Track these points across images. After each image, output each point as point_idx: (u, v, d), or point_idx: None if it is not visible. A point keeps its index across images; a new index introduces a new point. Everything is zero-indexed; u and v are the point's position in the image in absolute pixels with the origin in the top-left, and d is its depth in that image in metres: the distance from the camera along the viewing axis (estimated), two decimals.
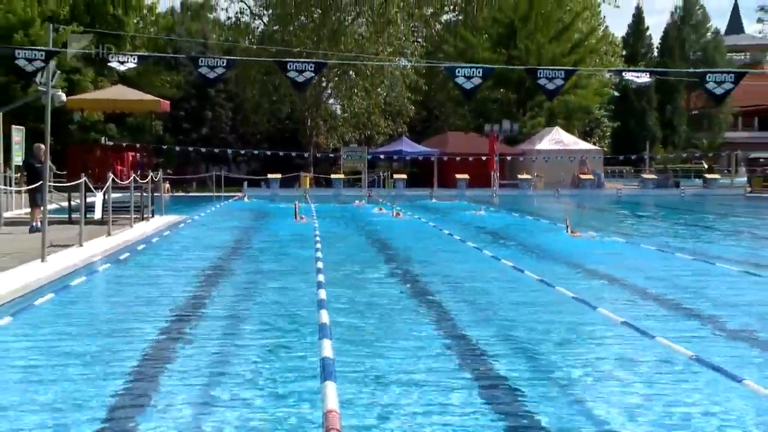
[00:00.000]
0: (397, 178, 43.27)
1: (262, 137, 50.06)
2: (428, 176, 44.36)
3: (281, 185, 40.54)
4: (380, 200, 31.25)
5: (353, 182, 44.19)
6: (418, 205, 30.20)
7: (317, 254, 13.71)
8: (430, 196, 36.62)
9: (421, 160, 46.98)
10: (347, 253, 15.35)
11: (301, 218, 21.73)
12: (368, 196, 35.85)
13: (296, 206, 22.31)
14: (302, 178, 42.57)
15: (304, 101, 47.05)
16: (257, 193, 38.12)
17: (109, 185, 17.24)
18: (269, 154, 44.55)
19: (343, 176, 43.07)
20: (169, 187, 34.66)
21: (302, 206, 23.74)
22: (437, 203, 32.80)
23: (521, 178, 43.96)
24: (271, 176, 40.91)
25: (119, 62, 11.79)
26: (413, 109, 50.97)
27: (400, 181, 42.74)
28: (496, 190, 37.84)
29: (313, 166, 46.55)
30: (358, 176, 44.56)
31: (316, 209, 25.52)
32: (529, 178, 43.90)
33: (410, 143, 47.59)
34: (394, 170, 46.25)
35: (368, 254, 15.59)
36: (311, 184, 42.87)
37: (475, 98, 28.20)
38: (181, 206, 27.66)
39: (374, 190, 40.69)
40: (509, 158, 45.76)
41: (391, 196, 33.78)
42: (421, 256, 14.74)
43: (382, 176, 45.26)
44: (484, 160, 41.24)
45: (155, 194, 22.76)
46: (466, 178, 41.85)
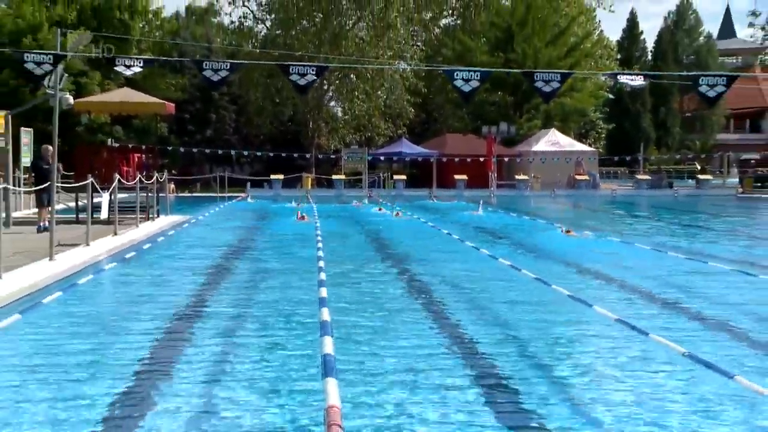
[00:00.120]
0: (396, 178, 43.56)
1: (265, 139, 50.30)
2: (427, 177, 44.51)
3: (284, 186, 40.71)
4: (380, 200, 31.45)
5: (354, 183, 44.34)
6: (417, 205, 30.37)
7: (318, 253, 13.85)
8: (430, 196, 36.79)
9: (420, 161, 47.20)
10: (347, 252, 15.49)
11: (302, 217, 22.03)
12: (369, 196, 36.00)
13: (297, 206, 22.50)
14: (304, 178, 42.74)
15: (306, 104, 47.22)
16: (260, 193, 38.32)
17: (115, 186, 17.43)
18: (272, 155, 44.87)
19: (344, 177, 43.29)
20: (173, 187, 34.84)
21: (304, 206, 23.89)
22: (437, 203, 32.91)
23: (518, 178, 44.27)
24: (273, 177, 41.16)
25: (125, 66, 11.93)
26: (413, 111, 51.21)
27: (399, 181, 43.01)
28: (493, 190, 38.08)
29: (314, 167, 46.67)
30: (358, 177, 44.75)
31: (317, 209, 25.66)
32: (526, 178, 44.14)
33: (410, 145, 47.83)
34: (394, 171, 46.53)
35: (369, 253, 15.78)
36: (313, 184, 43.04)
37: (473, 101, 28.36)
38: (185, 206, 27.83)
39: (374, 190, 40.82)
40: (506, 159, 45.92)
41: (391, 196, 33.98)
42: (420, 254, 14.92)
43: (382, 177, 45.53)
44: (482, 161, 41.61)
45: (160, 195, 22.88)
46: (464, 178, 42.04)
